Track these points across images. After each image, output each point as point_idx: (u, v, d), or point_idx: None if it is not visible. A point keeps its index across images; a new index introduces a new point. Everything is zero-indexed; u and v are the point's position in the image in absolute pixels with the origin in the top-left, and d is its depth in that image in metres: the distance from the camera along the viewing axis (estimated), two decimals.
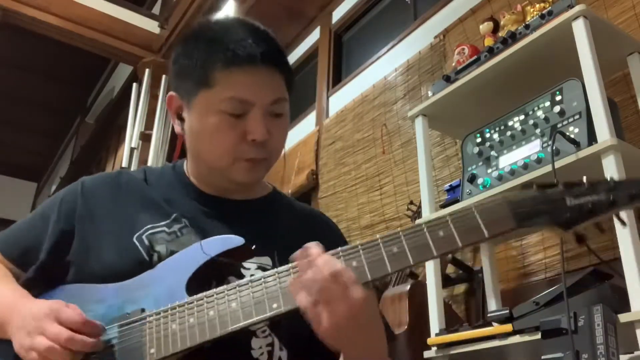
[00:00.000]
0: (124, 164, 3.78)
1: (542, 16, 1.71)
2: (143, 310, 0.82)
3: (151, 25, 4.35)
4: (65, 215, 0.95)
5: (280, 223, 1.01)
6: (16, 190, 7.99)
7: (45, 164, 8.04)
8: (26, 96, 6.53)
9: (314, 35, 4.18)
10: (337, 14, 3.99)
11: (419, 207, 2.24)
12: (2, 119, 6.69)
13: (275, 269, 0.78)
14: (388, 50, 3.29)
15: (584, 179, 0.74)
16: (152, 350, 0.78)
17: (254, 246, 0.87)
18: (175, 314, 0.80)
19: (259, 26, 0.95)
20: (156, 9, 4.87)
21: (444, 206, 1.88)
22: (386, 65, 3.23)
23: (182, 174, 1.01)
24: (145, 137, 3.81)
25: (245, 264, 0.91)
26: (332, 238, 1.03)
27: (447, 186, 1.98)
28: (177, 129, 0.97)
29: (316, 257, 0.73)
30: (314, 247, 0.75)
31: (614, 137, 1.40)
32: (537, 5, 1.82)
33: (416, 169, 2.22)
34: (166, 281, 0.85)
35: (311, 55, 4.20)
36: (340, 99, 3.57)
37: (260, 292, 0.77)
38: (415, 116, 2.04)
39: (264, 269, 0.91)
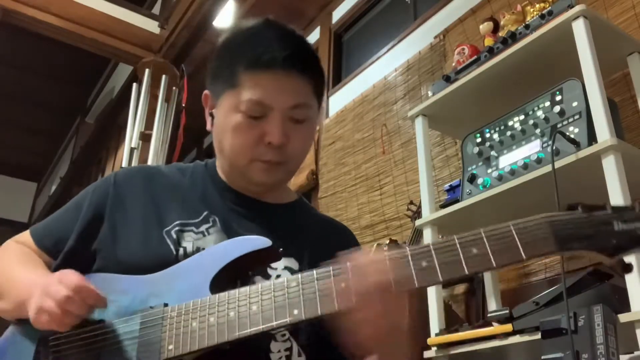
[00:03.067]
0: (124, 164, 3.78)
1: (542, 16, 1.71)
2: (166, 305, 0.82)
3: (151, 25, 4.34)
4: (96, 203, 0.97)
5: (306, 228, 1.02)
6: (16, 190, 7.98)
7: (45, 164, 8.03)
8: (26, 96, 6.52)
9: (314, 35, 4.18)
10: (337, 14, 3.99)
11: (419, 207, 2.24)
12: (2, 119, 6.68)
13: (299, 275, 0.77)
14: (388, 50, 3.29)
15: (636, 203, 0.70)
16: (170, 347, 0.79)
17: (281, 249, 0.87)
18: (196, 312, 0.80)
19: (289, 30, 0.96)
20: (156, 9, 4.86)
21: (444, 206, 1.88)
22: (386, 65, 3.23)
23: (214, 171, 1.03)
24: (145, 137, 3.80)
25: (272, 264, 0.92)
26: (351, 247, 1.04)
27: (447, 186, 1.98)
28: (209, 125, 1.00)
29: (367, 264, 0.73)
30: (363, 253, 0.75)
31: (614, 137, 1.40)
32: (537, 5, 1.82)
33: (416, 169, 2.22)
34: (191, 278, 0.85)
35: None
36: (340, 99, 3.57)
37: (282, 296, 0.76)
38: (415, 116, 2.04)
39: (290, 270, 0.92)
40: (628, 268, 0.71)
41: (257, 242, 0.86)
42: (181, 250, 0.90)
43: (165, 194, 0.98)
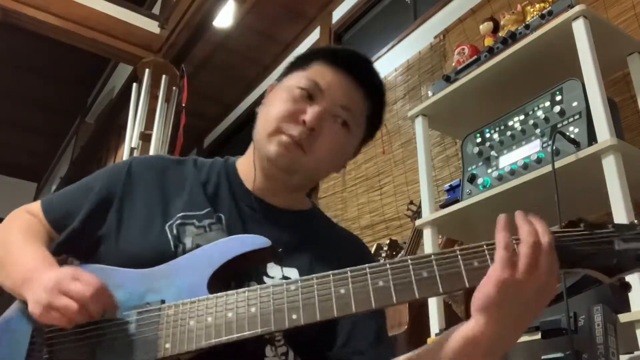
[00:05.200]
0: None
1: (542, 16, 1.71)
2: (163, 301, 0.81)
3: (151, 25, 4.34)
4: (107, 188, 0.97)
5: (314, 240, 1.00)
6: (16, 190, 7.97)
7: (45, 164, 8.02)
8: (26, 96, 6.51)
9: (314, 35, 4.19)
10: (337, 13, 3.99)
11: (419, 207, 2.23)
12: (2, 119, 6.67)
13: (299, 278, 0.77)
14: (388, 50, 3.29)
15: (636, 222, 0.69)
16: (167, 345, 0.78)
17: (280, 249, 0.86)
18: (193, 310, 0.79)
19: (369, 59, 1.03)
20: (156, 9, 4.86)
21: (444, 206, 1.87)
22: (386, 65, 3.23)
23: (233, 169, 1.02)
24: (145, 137, 3.80)
25: (270, 272, 0.90)
26: (361, 262, 1.03)
27: (447, 186, 1.98)
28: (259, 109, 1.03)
29: (538, 221, 0.70)
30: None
31: (614, 137, 1.40)
32: (537, 5, 1.82)
33: (416, 169, 2.22)
34: (189, 275, 0.84)
35: None
36: None
37: (280, 299, 0.76)
38: (415, 116, 2.04)
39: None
40: (627, 287, 0.69)
41: (257, 241, 0.85)
42: (180, 247, 0.89)
43: (175, 187, 0.97)
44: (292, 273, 0.91)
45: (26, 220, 0.98)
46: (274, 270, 0.90)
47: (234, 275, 0.86)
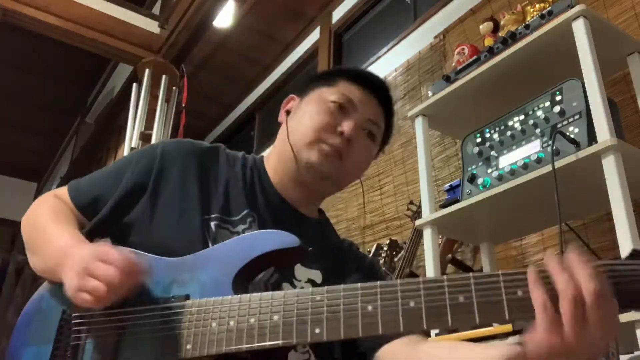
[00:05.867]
0: None
1: (542, 16, 1.71)
2: (187, 296, 0.80)
3: (151, 25, 4.34)
4: (138, 174, 0.96)
5: (328, 247, 1.04)
6: (16, 190, 7.97)
7: (45, 164, 8.02)
8: (26, 96, 6.51)
9: (314, 35, 4.19)
10: (337, 14, 3.99)
11: (419, 207, 2.24)
12: (2, 119, 6.67)
13: (326, 288, 0.73)
14: (388, 50, 3.29)
15: None
16: (189, 347, 0.77)
17: (310, 248, 0.85)
18: (217, 312, 0.77)
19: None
20: (156, 9, 4.86)
21: (444, 206, 1.87)
22: (386, 65, 3.23)
23: (263, 169, 1.05)
24: (145, 137, 3.80)
25: (297, 275, 0.92)
26: (366, 268, 1.06)
27: (447, 186, 1.98)
28: (281, 118, 1.09)
29: (578, 265, 0.59)
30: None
31: (614, 137, 1.40)
32: (537, 5, 1.82)
33: (416, 169, 2.22)
34: (215, 270, 0.83)
35: (311, 55, 4.19)
36: None
37: (305, 310, 0.72)
38: (415, 116, 2.04)
39: (313, 283, 0.93)
40: None
41: (287, 239, 0.83)
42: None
43: (212, 178, 0.97)
44: (316, 275, 0.94)
45: (55, 204, 0.98)
46: (300, 272, 0.93)
47: (261, 271, 0.86)
